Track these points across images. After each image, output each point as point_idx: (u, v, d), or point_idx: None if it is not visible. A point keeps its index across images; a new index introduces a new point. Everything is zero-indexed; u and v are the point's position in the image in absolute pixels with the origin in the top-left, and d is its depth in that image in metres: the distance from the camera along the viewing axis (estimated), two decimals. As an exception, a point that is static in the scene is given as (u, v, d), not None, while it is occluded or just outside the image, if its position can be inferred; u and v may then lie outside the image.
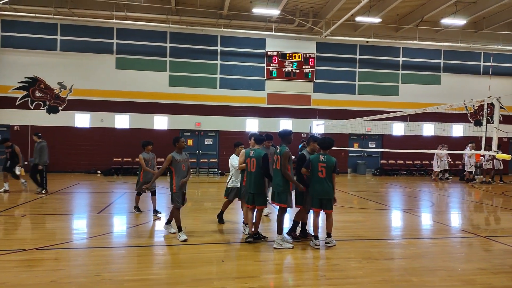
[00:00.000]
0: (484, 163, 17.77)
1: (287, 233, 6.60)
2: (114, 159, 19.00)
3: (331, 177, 6.08)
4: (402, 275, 4.93)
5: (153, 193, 8.80)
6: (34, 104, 18.77)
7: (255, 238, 6.29)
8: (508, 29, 21.31)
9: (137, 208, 8.91)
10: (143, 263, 5.29)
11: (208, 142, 20.60)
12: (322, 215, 6.26)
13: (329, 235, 6.18)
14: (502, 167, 17.95)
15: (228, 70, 20.39)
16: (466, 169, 17.90)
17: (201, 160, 20.37)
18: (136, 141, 19.35)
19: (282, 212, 6.13)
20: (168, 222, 6.98)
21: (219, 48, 20.26)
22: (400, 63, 21.94)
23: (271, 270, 5.17)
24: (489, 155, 16.93)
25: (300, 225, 6.70)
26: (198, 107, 20.09)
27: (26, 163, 18.42)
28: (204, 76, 20.17)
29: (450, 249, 6.35)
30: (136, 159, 19.17)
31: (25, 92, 18.66)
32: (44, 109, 18.86)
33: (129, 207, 9.93)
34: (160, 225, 8.05)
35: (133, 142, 19.38)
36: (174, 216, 6.59)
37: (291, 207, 6.19)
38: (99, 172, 18.92)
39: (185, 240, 6.30)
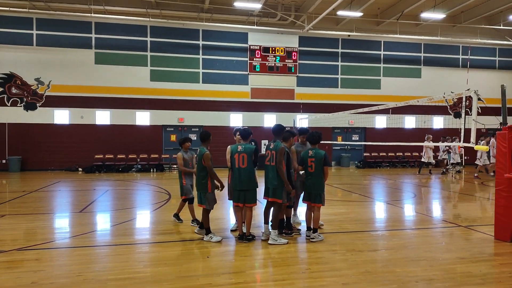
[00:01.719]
0: (440, 155, 18.32)
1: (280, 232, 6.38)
2: (96, 156, 18.66)
3: (321, 171, 6.10)
4: (386, 266, 5.02)
5: (191, 201, 7.31)
6: (10, 101, 18.23)
7: (249, 239, 6.05)
8: (485, 23, 21.79)
9: (177, 216, 7.45)
10: (127, 261, 5.22)
11: (192, 137, 20.42)
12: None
13: (314, 230, 6.20)
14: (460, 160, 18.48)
15: (210, 65, 20.22)
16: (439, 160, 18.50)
17: (174, 156, 20.18)
18: (118, 137, 19.12)
19: (278, 207, 6.01)
20: (202, 227, 6.36)
21: (201, 42, 20.05)
22: (382, 56, 22.19)
23: (256, 265, 5.18)
24: (445, 146, 17.39)
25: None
26: (181, 102, 19.88)
27: (4, 161, 17.99)
28: (186, 71, 19.95)
29: (432, 239, 6.49)
30: (120, 155, 18.94)
31: (1, 89, 18.10)
32: (21, 106, 18.33)
33: (112, 205, 9.79)
34: (143, 222, 7.97)
35: (115, 139, 19.11)
36: (205, 218, 6.17)
37: (285, 202, 6.07)
38: (80, 169, 18.57)
39: (219, 241, 6.04)
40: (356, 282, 4.45)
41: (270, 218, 6.17)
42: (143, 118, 19.68)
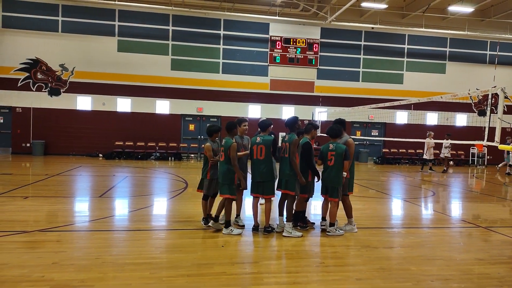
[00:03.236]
0: (442, 152, 17.68)
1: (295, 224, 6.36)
2: (116, 143, 19.02)
3: (340, 166, 6.01)
4: (401, 264, 4.97)
5: (214, 195, 6.50)
6: (35, 86, 18.71)
7: (268, 231, 6.03)
8: (516, 18, 20.97)
9: (205, 220, 6.39)
10: (144, 247, 5.34)
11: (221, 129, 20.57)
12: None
13: (331, 224, 6.17)
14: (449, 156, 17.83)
15: (231, 55, 20.21)
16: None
17: (203, 146, 20.37)
18: (138, 125, 19.42)
19: (291, 199, 6.02)
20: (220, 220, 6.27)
21: (222, 32, 20.03)
22: (405, 50, 21.68)
23: (271, 256, 5.21)
24: (449, 144, 16.73)
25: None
26: (200, 92, 20.00)
27: (28, 145, 18.56)
28: (206, 61, 20.01)
29: (449, 239, 6.38)
30: (139, 143, 19.26)
31: (27, 74, 18.58)
32: (46, 91, 18.80)
33: (130, 191, 10.00)
34: (160, 209, 8.12)
35: (135, 126, 19.41)
36: (228, 209, 6.05)
37: (298, 195, 6.07)
38: (100, 155, 18.98)
39: (239, 234, 5.99)
40: (370, 278, 4.43)
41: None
42: (162, 106, 19.90)
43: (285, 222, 6.07)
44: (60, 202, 8.16)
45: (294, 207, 6.19)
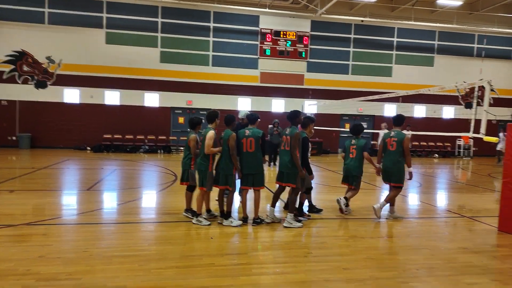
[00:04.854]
0: None
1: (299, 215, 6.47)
2: (104, 136, 18.83)
3: (361, 157, 6.94)
4: (387, 253, 5.05)
5: (192, 188, 6.50)
6: (22, 78, 18.37)
7: (257, 222, 6.11)
8: (503, 11, 21.19)
9: (191, 212, 6.41)
10: (132, 239, 5.33)
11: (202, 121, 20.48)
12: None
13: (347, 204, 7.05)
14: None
15: (221, 48, 20.08)
16: None
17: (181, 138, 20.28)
18: (127, 118, 19.23)
19: (294, 192, 6.13)
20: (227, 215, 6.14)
21: (212, 25, 19.87)
22: (394, 43, 21.79)
23: (259, 247, 5.24)
24: (409, 135, 16.83)
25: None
26: (190, 85, 19.86)
27: (14, 138, 18.27)
28: (196, 53, 19.85)
29: (435, 229, 6.49)
30: (128, 136, 19.10)
31: (12, 66, 18.22)
32: (32, 84, 18.48)
33: (119, 184, 9.93)
34: (149, 201, 8.09)
35: (123, 119, 19.23)
36: (231, 201, 6.11)
37: (299, 187, 6.13)
38: (88, 148, 18.78)
39: (239, 225, 5.99)
40: (357, 267, 4.49)
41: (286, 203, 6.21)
42: (152, 99, 19.73)
43: (288, 214, 6.15)
44: (47, 195, 8.07)
45: (298, 199, 6.31)
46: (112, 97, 19.31)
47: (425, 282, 4.15)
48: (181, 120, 20.11)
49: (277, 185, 6.39)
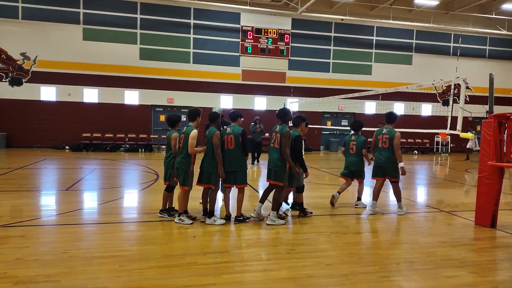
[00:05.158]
0: None
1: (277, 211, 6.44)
2: (83, 135, 18.44)
3: (360, 153, 7.46)
4: (368, 248, 5.13)
5: (171, 189, 6.45)
6: (-5, 75, 17.77)
7: (239, 220, 6.08)
8: (478, 11, 21.79)
9: (167, 212, 6.37)
10: (112, 240, 5.23)
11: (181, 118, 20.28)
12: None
13: (359, 198, 7.63)
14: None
15: (202, 45, 19.93)
16: None
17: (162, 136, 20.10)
18: (106, 116, 18.87)
19: (279, 190, 6.07)
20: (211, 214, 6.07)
21: (192, 21, 19.69)
22: (374, 42, 22.13)
23: (242, 245, 5.24)
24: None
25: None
26: (170, 82, 19.64)
27: (-12, 138, 17.64)
28: (177, 50, 19.65)
29: (415, 224, 6.64)
30: (108, 134, 18.74)
31: (-15, 63, 17.60)
32: (6, 81, 17.91)
33: (99, 184, 9.74)
34: (130, 201, 7.97)
35: (103, 118, 18.87)
36: (214, 200, 6.08)
37: (286, 186, 6.12)
38: (67, 147, 18.35)
39: (222, 224, 5.96)
40: (339, 263, 4.55)
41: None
42: (132, 97, 19.42)
43: (270, 211, 6.12)
44: (24, 196, 7.84)
45: (280, 198, 6.26)
46: (90, 95, 18.91)
47: (406, 276, 4.24)
48: (162, 118, 19.88)
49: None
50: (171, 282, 3.87)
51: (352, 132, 7.79)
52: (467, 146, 17.85)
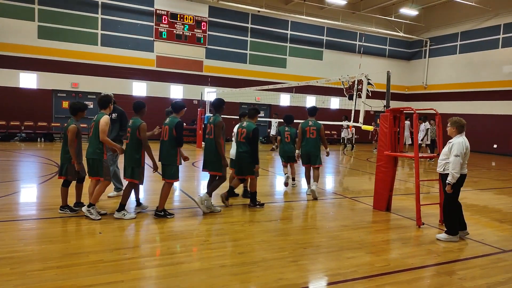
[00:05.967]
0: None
1: (225, 197, 6.66)
2: (-32, 121, 16.03)
3: (294, 141, 8.35)
4: (279, 235, 5.34)
5: (81, 180, 6.04)
6: None
7: (159, 215, 5.78)
8: (380, 13, 23.84)
9: (69, 208, 5.87)
10: (4, 240, 4.64)
11: (88, 105, 18.79)
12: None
13: (293, 179, 8.73)
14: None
15: (111, 26, 18.60)
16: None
17: (81, 125, 18.55)
18: (-3, 100, 16.64)
19: (220, 180, 6.29)
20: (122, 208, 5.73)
21: (100, 1, 18.23)
22: (288, 36, 22.91)
23: (154, 239, 5.06)
24: (276, 122, 18.84)
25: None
26: (75, 65, 18.02)
27: None
28: (82, 31, 18.05)
29: (322, 210, 7.09)
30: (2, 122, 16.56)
31: None
32: None
33: (-13, 177, 8.57)
34: (28, 196, 7.17)
35: (-7, 102, 16.61)
36: (128, 194, 5.78)
37: (225, 175, 6.31)
38: None
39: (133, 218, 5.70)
40: (251, 251, 4.65)
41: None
42: (28, 80, 17.39)
43: (205, 196, 6.17)
44: None
45: (231, 184, 6.77)
46: (-24, 76, 16.48)
47: (312, 259, 4.50)
48: (65, 104, 18.18)
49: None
50: (72, 283, 3.56)
51: (285, 124, 8.89)
52: (343, 136, 19.83)
